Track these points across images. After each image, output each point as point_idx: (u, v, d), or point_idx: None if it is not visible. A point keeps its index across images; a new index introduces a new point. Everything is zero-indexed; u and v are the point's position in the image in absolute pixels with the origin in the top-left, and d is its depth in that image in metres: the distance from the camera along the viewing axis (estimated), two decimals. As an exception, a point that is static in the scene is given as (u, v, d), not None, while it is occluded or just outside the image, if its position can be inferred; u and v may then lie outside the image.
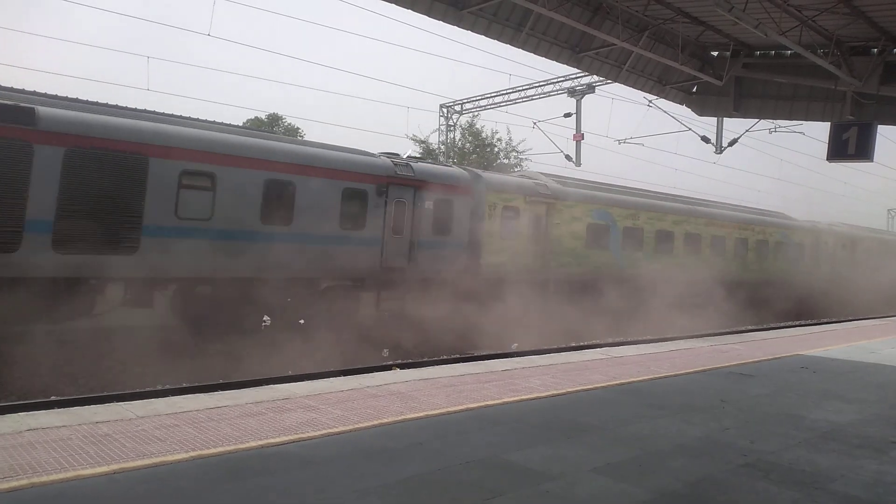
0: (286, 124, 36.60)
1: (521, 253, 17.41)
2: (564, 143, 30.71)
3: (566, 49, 14.85)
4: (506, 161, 36.96)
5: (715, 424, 7.09)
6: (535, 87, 29.95)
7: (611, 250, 20.15)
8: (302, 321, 13.24)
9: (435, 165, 17.08)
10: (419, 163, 16.21)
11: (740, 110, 16.73)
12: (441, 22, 12.77)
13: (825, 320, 24.22)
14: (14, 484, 4.37)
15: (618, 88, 27.66)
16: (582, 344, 15.77)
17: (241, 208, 12.34)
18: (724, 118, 24.90)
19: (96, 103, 11.87)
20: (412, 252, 15.06)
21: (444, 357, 13.49)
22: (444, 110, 34.10)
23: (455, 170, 17.18)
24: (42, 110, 10.43)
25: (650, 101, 23.78)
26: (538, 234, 18.05)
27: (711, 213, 24.55)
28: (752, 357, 12.18)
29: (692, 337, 16.14)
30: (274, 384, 8.21)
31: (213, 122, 13.24)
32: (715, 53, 16.03)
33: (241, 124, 17.88)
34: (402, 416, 6.66)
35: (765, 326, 21.01)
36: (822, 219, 32.04)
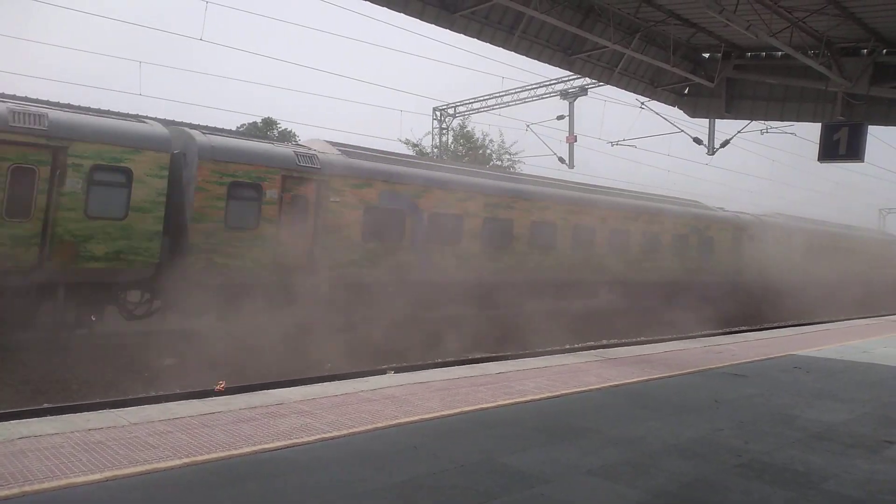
0: (280, 128, 36.53)
1: None
2: (558, 146, 30.70)
3: (558, 51, 14.88)
4: (498, 163, 37.01)
5: (709, 425, 7.11)
6: (528, 89, 30.02)
7: None
8: None
9: None
10: None
11: (732, 111, 16.79)
12: (433, 25, 12.79)
13: (818, 320, 24.30)
14: (5, 493, 4.34)
15: (610, 91, 27.71)
16: (576, 346, 15.78)
17: None
18: (716, 119, 25.05)
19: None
20: None
21: (439, 360, 13.48)
22: (438, 113, 34.13)
23: None
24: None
25: (642, 103, 23.87)
26: None
27: None
28: (745, 357, 12.21)
29: (686, 338, 16.19)
30: (267, 389, 8.20)
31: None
32: (706, 55, 16.10)
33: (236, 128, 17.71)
34: (397, 421, 6.65)
35: (758, 327, 21.07)
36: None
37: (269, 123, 35.90)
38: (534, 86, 29.92)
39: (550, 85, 29.42)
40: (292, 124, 43.79)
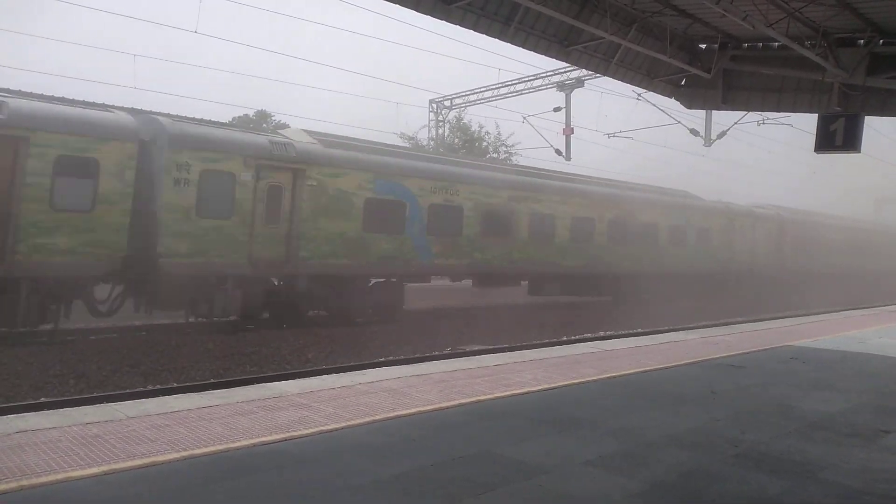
0: (275, 121, 36.38)
1: None
2: (554, 138, 30.65)
3: (555, 43, 14.82)
4: (495, 155, 36.97)
5: (706, 416, 7.13)
6: (525, 81, 29.99)
7: None
8: None
9: None
10: None
11: (728, 103, 16.76)
12: (429, 17, 12.72)
13: (815, 311, 24.37)
14: (3, 487, 4.33)
15: (607, 82, 27.65)
16: (573, 338, 15.82)
17: None
18: (713, 111, 25.02)
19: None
20: None
21: (437, 353, 13.50)
22: (434, 105, 34.06)
23: None
24: None
25: (639, 95, 23.85)
26: None
27: None
28: (741, 348, 12.25)
29: (682, 329, 16.23)
30: (265, 382, 8.20)
31: None
32: (703, 46, 16.06)
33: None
34: (395, 413, 6.65)
35: (754, 318, 21.12)
36: None
37: (262, 116, 35.78)
38: (530, 77, 29.89)
39: (547, 77, 29.42)
40: (287, 116, 43.59)
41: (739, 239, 28.95)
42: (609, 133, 30.01)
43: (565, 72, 28.18)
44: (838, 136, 14.04)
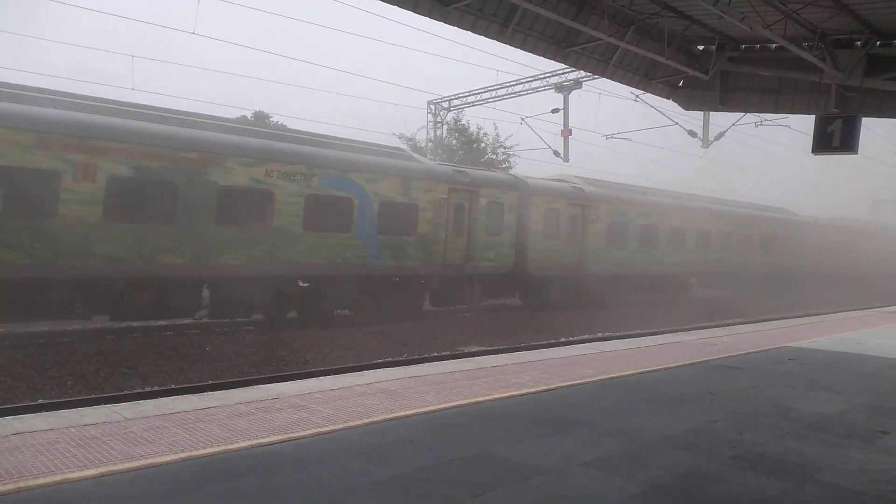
0: (273, 122, 36.33)
1: None
2: (552, 139, 30.64)
3: (553, 44, 14.84)
4: (493, 157, 36.98)
5: (703, 417, 7.13)
6: (523, 82, 30.00)
7: None
8: None
9: None
10: None
11: (726, 104, 16.80)
12: (427, 18, 12.73)
13: (812, 312, 24.40)
14: (1, 489, 4.32)
15: (605, 84, 27.65)
16: (572, 339, 15.84)
17: None
18: (711, 112, 25.06)
19: None
20: None
21: (435, 354, 13.50)
22: (432, 107, 34.07)
23: None
24: None
25: (637, 96, 23.84)
26: None
27: None
28: (739, 349, 12.26)
29: (680, 330, 16.25)
30: (263, 384, 8.19)
31: None
32: (701, 48, 16.09)
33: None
34: (393, 414, 6.65)
35: (751, 319, 21.16)
36: None
37: (260, 117, 35.74)
38: (528, 79, 29.90)
39: (545, 78, 29.42)
40: (284, 118, 43.52)
41: (494, 223, 19.38)
42: (607, 135, 30.03)
43: (563, 73, 28.19)
44: (836, 137, 14.07)
